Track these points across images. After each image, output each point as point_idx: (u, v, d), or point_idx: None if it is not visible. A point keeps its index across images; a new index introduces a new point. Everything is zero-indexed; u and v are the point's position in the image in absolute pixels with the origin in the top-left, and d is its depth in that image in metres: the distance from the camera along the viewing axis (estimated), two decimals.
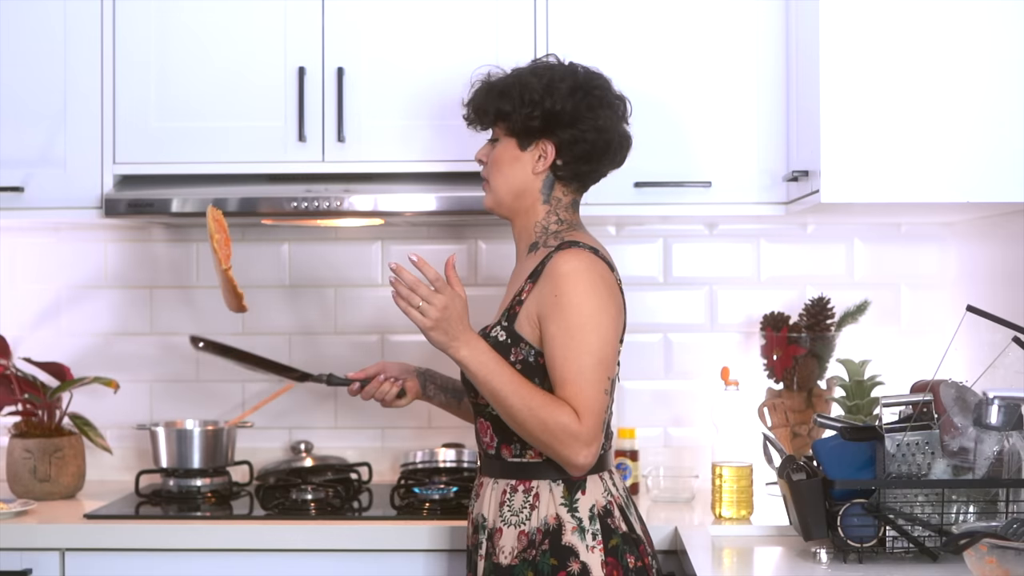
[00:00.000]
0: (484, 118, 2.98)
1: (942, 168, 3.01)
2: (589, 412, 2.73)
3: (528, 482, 2.85)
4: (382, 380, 3.12)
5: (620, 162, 2.99)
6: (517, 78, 2.93)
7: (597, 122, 2.89)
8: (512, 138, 2.92)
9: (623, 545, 2.82)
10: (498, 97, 2.92)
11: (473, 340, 2.77)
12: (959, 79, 3.00)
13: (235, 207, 3.49)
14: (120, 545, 3.29)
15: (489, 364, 2.76)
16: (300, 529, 3.29)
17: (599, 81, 2.95)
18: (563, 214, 2.94)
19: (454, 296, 2.75)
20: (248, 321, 3.99)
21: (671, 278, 3.95)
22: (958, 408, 2.78)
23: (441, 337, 2.75)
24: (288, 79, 3.55)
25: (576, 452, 2.73)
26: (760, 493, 3.47)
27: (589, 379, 2.74)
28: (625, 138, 2.97)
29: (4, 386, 3.70)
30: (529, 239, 2.95)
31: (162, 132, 3.58)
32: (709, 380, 3.81)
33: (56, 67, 3.58)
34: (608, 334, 2.78)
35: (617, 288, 2.86)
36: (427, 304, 2.73)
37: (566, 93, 2.88)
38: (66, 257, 4.02)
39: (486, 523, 2.89)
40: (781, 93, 3.49)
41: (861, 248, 3.91)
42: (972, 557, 2.49)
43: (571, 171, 2.91)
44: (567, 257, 2.81)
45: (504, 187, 2.93)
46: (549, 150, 2.89)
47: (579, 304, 2.76)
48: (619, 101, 2.97)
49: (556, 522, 2.80)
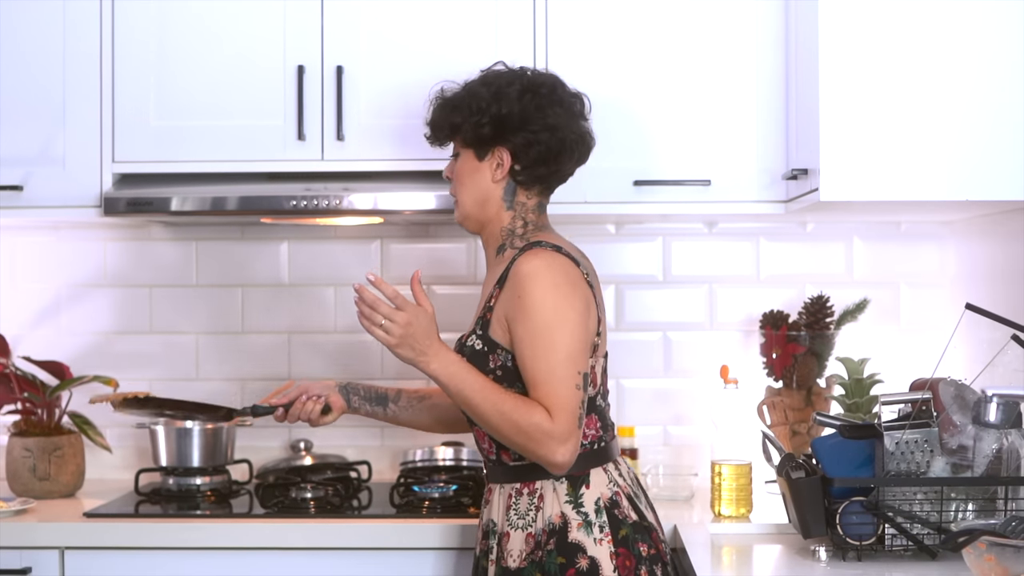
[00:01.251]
0: (440, 134, 3.00)
1: (941, 166, 3.01)
2: (561, 410, 2.73)
3: (532, 484, 2.85)
4: (304, 400, 3.11)
5: (582, 160, 2.99)
6: (467, 90, 2.95)
7: (547, 120, 2.89)
8: (469, 149, 2.94)
9: (634, 534, 2.83)
10: (451, 111, 2.95)
11: (442, 352, 2.79)
12: (958, 77, 3.00)
13: (234, 206, 3.49)
14: (120, 544, 3.29)
15: (459, 374, 2.78)
16: (300, 528, 3.29)
17: (546, 79, 2.96)
18: (528, 216, 2.95)
19: (418, 311, 2.78)
20: (247, 320, 3.99)
21: (670, 276, 3.95)
22: (957, 406, 2.78)
23: (408, 353, 2.78)
24: (287, 77, 3.55)
25: (552, 450, 2.73)
26: (759, 491, 3.47)
27: (559, 376, 2.74)
28: (582, 135, 2.97)
29: (4, 385, 3.70)
30: (496, 244, 2.97)
31: (161, 131, 3.58)
32: (708, 378, 3.81)
33: (55, 65, 3.58)
34: (575, 329, 2.77)
35: (583, 282, 2.85)
36: (389, 322, 2.77)
37: (514, 96, 2.89)
38: (66, 256, 4.02)
39: (496, 528, 2.90)
40: (780, 91, 3.49)
41: (860, 246, 3.91)
42: (971, 555, 2.49)
43: (530, 175, 2.92)
44: (528, 257, 2.82)
45: (468, 199, 2.95)
46: (505, 156, 2.90)
47: (541, 303, 2.77)
48: (573, 98, 2.97)
49: (561, 520, 2.80)
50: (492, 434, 2.82)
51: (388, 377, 3.93)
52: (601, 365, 2.92)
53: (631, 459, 3.72)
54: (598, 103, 3.50)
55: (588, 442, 2.87)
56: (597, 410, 2.90)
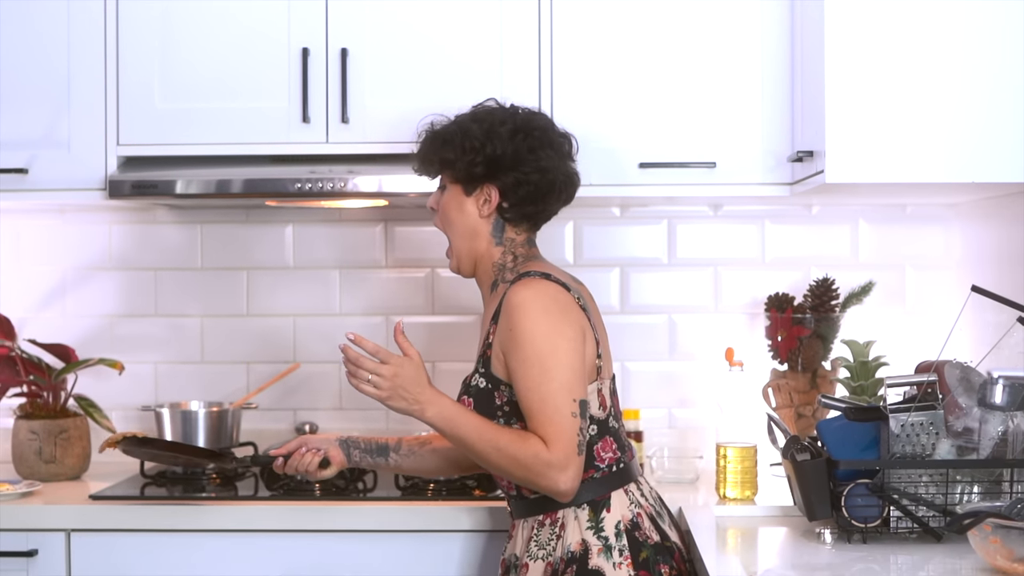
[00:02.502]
0: (430, 168, 2.99)
1: (947, 148, 3.01)
2: (557, 439, 2.72)
3: (554, 514, 2.85)
4: (303, 452, 3.09)
5: (567, 200, 2.99)
6: (459, 125, 2.94)
7: (540, 163, 2.89)
8: (457, 184, 2.94)
9: (655, 555, 2.82)
10: (441, 146, 2.94)
11: (436, 398, 2.79)
12: (964, 59, 3.00)
13: (239, 188, 3.49)
14: (125, 526, 3.29)
15: (455, 418, 2.79)
16: (305, 510, 3.29)
17: (540, 121, 2.96)
18: (518, 250, 2.95)
19: (403, 362, 2.78)
20: (252, 303, 3.99)
21: (675, 259, 3.95)
22: (963, 388, 2.78)
23: (401, 404, 2.79)
24: (292, 60, 3.55)
25: (554, 480, 2.73)
26: (764, 473, 3.47)
27: (554, 406, 2.73)
28: (570, 176, 2.97)
29: (9, 368, 3.70)
30: (489, 280, 2.97)
31: (166, 113, 3.58)
32: (713, 361, 3.81)
33: (60, 48, 3.58)
34: (568, 357, 2.76)
35: (575, 307, 2.83)
36: (376, 376, 2.77)
37: (507, 137, 2.89)
38: (71, 239, 4.02)
39: (517, 561, 2.90)
40: (786, 73, 3.48)
41: (866, 229, 3.91)
42: (976, 537, 2.49)
43: (518, 212, 2.92)
44: (517, 289, 2.81)
45: (458, 235, 2.95)
46: (493, 194, 2.90)
47: (532, 333, 2.76)
48: (562, 139, 2.97)
49: (582, 548, 2.80)
50: (493, 471, 2.84)
51: None
52: (608, 387, 2.90)
53: (636, 442, 3.72)
54: (604, 84, 3.51)
55: (606, 465, 2.85)
56: (611, 432, 2.88)
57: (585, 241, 3.94)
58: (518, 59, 3.50)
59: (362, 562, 3.26)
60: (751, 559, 2.82)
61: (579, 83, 3.51)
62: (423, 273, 3.97)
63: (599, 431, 2.85)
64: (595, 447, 2.84)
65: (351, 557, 3.26)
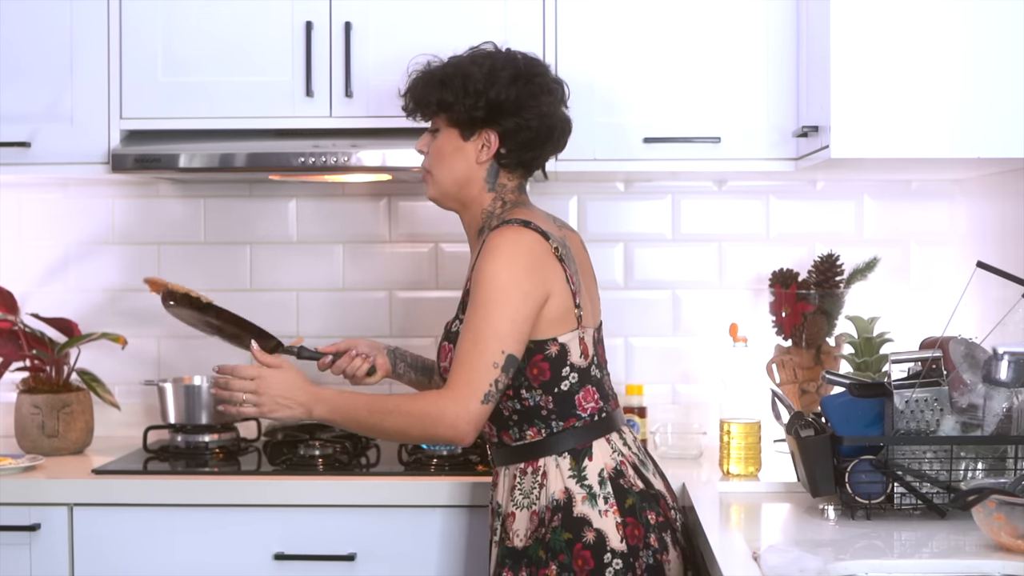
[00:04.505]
0: (426, 109, 2.96)
1: (952, 123, 3.00)
2: (465, 382, 2.73)
3: (535, 462, 2.85)
4: (353, 355, 3.12)
5: (562, 147, 2.99)
6: (458, 67, 2.91)
7: (541, 109, 2.89)
8: (454, 128, 2.92)
9: (641, 502, 2.83)
10: (439, 87, 2.91)
11: (317, 396, 2.83)
12: (970, 34, 2.99)
13: (243, 162, 3.48)
14: (128, 500, 3.29)
15: (343, 407, 2.82)
16: (308, 485, 3.29)
17: (540, 68, 2.95)
18: (508, 196, 2.94)
19: (265, 372, 2.82)
20: (255, 278, 3.98)
21: (680, 235, 3.94)
22: (967, 364, 2.77)
23: (286, 412, 2.82)
24: (295, 33, 3.54)
25: (449, 423, 2.74)
26: (768, 450, 3.47)
27: (480, 349, 2.74)
28: (566, 122, 2.97)
29: (12, 342, 3.70)
30: (476, 226, 2.96)
31: (169, 87, 3.57)
32: (717, 337, 3.80)
33: (63, 21, 3.56)
34: (514, 309, 2.75)
35: (551, 258, 2.82)
36: (249, 395, 2.81)
37: (508, 81, 2.87)
38: (74, 213, 4.01)
39: (502, 510, 2.90)
40: (791, 48, 3.47)
41: (871, 205, 3.90)
42: (980, 514, 2.49)
43: (515, 158, 2.92)
44: (495, 235, 2.81)
45: (448, 178, 2.93)
46: (493, 139, 2.89)
47: (490, 277, 2.76)
48: (557, 86, 2.96)
49: (566, 496, 2.80)
50: (397, 439, 2.92)
51: (396, 335, 3.93)
52: (592, 336, 2.90)
53: (640, 417, 3.72)
54: (608, 58, 3.50)
55: (588, 414, 2.86)
56: (593, 381, 2.88)
57: (589, 216, 3.93)
58: (523, 33, 3.48)
59: (365, 536, 3.26)
60: (754, 535, 2.82)
61: (584, 58, 3.50)
62: (427, 248, 3.97)
63: (580, 380, 2.85)
64: (576, 396, 2.84)
65: (354, 531, 3.26)
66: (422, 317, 3.92)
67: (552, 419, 2.84)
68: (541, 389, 2.82)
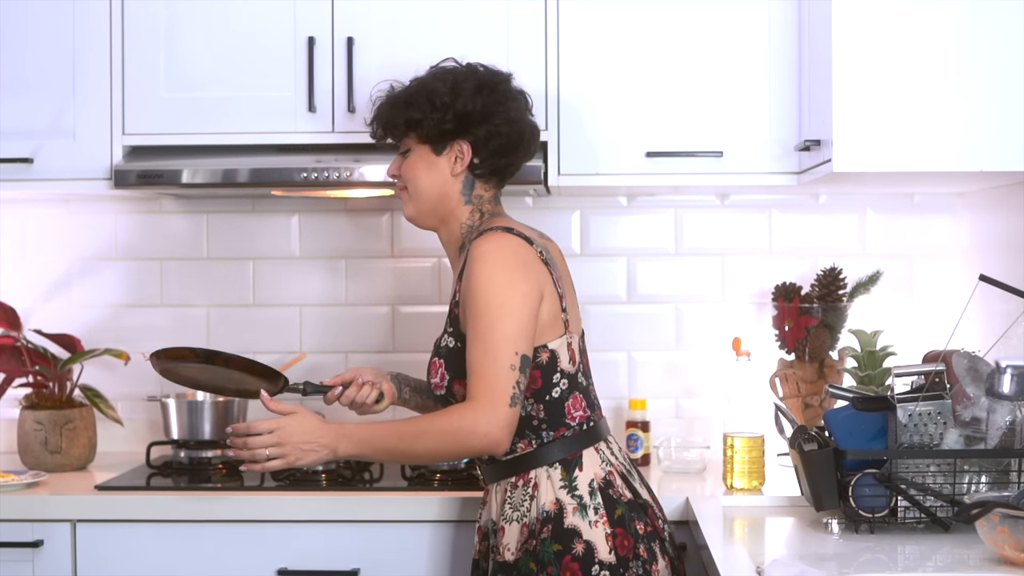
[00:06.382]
0: (395, 131, 2.99)
1: (955, 136, 3.00)
2: (490, 391, 2.72)
3: (526, 474, 2.85)
4: (361, 383, 3.10)
5: (533, 153, 3.02)
6: (421, 85, 2.95)
7: (509, 114, 2.92)
8: (425, 144, 2.94)
9: (630, 512, 2.82)
10: (405, 107, 2.94)
11: (339, 433, 2.80)
12: (972, 47, 2.99)
13: (245, 178, 3.48)
14: (131, 516, 3.29)
15: (370, 439, 2.79)
16: (311, 500, 3.29)
17: (501, 77, 2.98)
18: (486, 207, 2.96)
19: (282, 424, 2.79)
20: (258, 293, 3.98)
21: (682, 249, 3.94)
22: (970, 378, 2.77)
23: (312, 457, 2.80)
24: (298, 49, 3.54)
25: (483, 432, 2.73)
26: (771, 464, 3.47)
27: (494, 356, 2.73)
28: (534, 128, 3.02)
29: (15, 358, 3.70)
30: (457, 243, 2.98)
31: (172, 103, 3.57)
32: (720, 351, 3.80)
33: (65, 37, 3.57)
34: (517, 310, 2.75)
35: (537, 261, 2.83)
36: (271, 449, 2.78)
37: (472, 92, 2.90)
38: (77, 229, 4.02)
39: (494, 527, 2.90)
40: (793, 62, 3.47)
41: (873, 218, 3.90)
42: (984, 527, 2.48)
43: (489, 167, 2.94)
44: (479, 243, 2.82)
45: (425, 194, 2.94)
46: (465, 149, 2.91)
47: (486, 284, 2.76)
48: (520, 94, 3.00)
49: (556, 507, 2.80)
50: (433, 459, 2.91)
51: (398, 350, 3.93)
52: (577, 343, 2.91)
53: (643, 432, 3.71)
54: (610, 73, 3.50)
55: (577, 423, 2.86)
56: (581, 388, 2.89)
57: (591, 230, 3.93)
58: (525, 48, 3.49)
59: (368, 552, 3.26)
60: (758, 549, 2.82)
61: (586, 73, 3.50)
62: (430, 263, 3.97)
63: (569, 386, 2.86)
64: (566, 404, 2.85)
65: (357, 547, 3.26)
66: (424, 332, 3.91)
67: (543, 429, 2.84)
68: (533, 398, 2.83)
